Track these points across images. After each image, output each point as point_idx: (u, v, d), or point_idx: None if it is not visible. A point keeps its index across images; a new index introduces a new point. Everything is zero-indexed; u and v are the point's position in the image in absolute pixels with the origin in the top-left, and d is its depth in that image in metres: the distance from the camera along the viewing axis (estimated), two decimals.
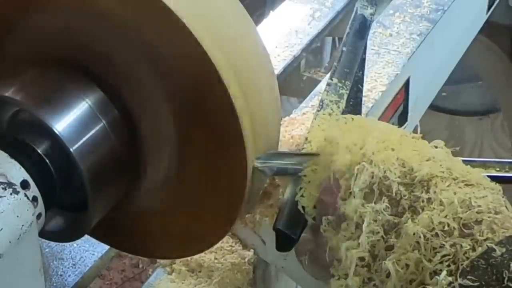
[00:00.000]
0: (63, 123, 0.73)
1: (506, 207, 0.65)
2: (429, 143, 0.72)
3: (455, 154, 0.71)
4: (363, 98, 0.93)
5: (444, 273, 0.61)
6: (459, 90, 2.65)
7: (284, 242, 0.75)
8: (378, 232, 0.65)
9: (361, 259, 0.66)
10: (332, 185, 0.71)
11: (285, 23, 1.34)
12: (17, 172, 0.69)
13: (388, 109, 1.18)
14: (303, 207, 0.75)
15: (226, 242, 0.96)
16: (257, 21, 1.31)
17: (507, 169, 0.74)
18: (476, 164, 0.71)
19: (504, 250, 0.60)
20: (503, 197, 0.66)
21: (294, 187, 0.76)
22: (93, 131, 0.75)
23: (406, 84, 1.23)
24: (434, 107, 2.39)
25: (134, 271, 2.28)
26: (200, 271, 0.94)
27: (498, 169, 0.74)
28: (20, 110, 0.76)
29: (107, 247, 0.97)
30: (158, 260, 0.97)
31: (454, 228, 0.62)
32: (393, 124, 0.97)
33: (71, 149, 0.73)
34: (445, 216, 0.63)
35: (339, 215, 0.69)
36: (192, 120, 0.75)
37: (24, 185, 0.69)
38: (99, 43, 0.76)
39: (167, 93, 0.75)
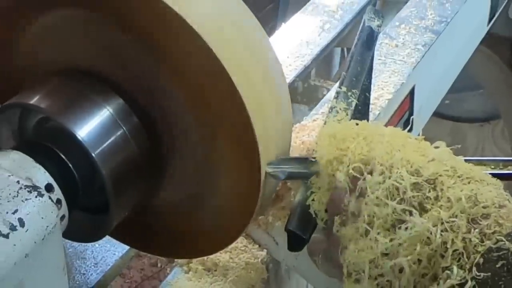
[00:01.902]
0: (85, 130, 0.75)
1: (509, 200, 0.66)
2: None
3: (456, 153, 0.72)
4: (371, 106, 0.93)
5: (455, 267, 0.61)
6: (462, 98, 2.66)
7: (296, 242, 0.76)
8: (388, 231, 0.66)
9: (373, 260, 0.67)
10: (343, 187, 0.72)
11: (296, 35, 1.35)
12: (42, 176, 0.70)
13: (394, 116, 1.18)
14: (314, 211, 0.76)
15: (241, 242, 0.97)
16: (269, 33, 1.32)
17: (501, 167, 0.75)
18: (472, 162, 0.71)
19: None
20: (505, 191, 0.67)
21: (305, 189, 0.77)
22: (114, 137, 0.76)
23: (411, 93, 1.24)
24: (437, 114, 2.38)
25: (153, 270, 2.26)
26: (215, 270, 0.95)
27: (493, 166, 0.75)
28: (45, 118, 0.77)
29: (127, 247, 0.98)
30: (175, 260, 0.97)
31: (462, 223, 0.63)
32: None
33: (93, 154, 0.74)
34: (453, 212, 0.64)
35: (350, 215, 0.70)
36: (209, 127, 0.76)
37: (49, 188, 0.70)
38: (119, 54, 0.77)
39: (184, 101, 0.76)
